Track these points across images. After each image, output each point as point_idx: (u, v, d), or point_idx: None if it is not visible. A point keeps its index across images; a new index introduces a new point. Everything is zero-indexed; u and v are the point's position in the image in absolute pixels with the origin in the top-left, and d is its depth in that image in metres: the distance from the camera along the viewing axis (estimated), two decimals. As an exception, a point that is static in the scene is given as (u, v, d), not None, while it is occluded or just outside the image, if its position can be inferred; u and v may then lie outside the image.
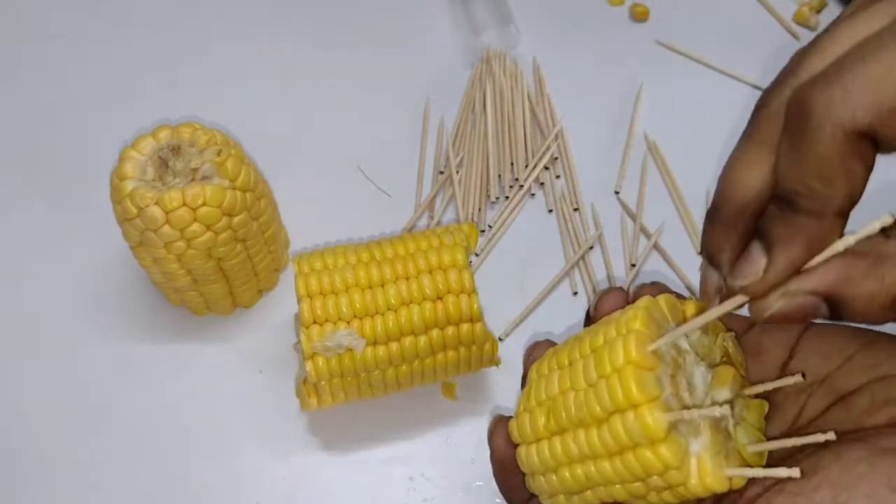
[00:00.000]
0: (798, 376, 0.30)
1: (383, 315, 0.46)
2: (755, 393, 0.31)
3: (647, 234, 0.59)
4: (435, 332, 0.46)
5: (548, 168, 0.62)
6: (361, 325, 0.45)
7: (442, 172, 0.61)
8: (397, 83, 0.66)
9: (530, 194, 0.61)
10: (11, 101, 0.65)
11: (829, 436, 0.27)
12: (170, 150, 0.47)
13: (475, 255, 0.58)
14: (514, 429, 0.33)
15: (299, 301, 0.46)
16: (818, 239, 0.26)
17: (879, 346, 0.31)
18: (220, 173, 0.47)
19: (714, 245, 0.29)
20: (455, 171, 0.61)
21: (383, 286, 0.46)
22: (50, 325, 0.56)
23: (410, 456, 0.52)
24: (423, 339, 0.46)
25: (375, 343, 0.46)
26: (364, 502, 0.50)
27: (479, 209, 0.60)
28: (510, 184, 0.61)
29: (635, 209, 0.60)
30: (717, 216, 0.29)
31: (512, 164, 0.61)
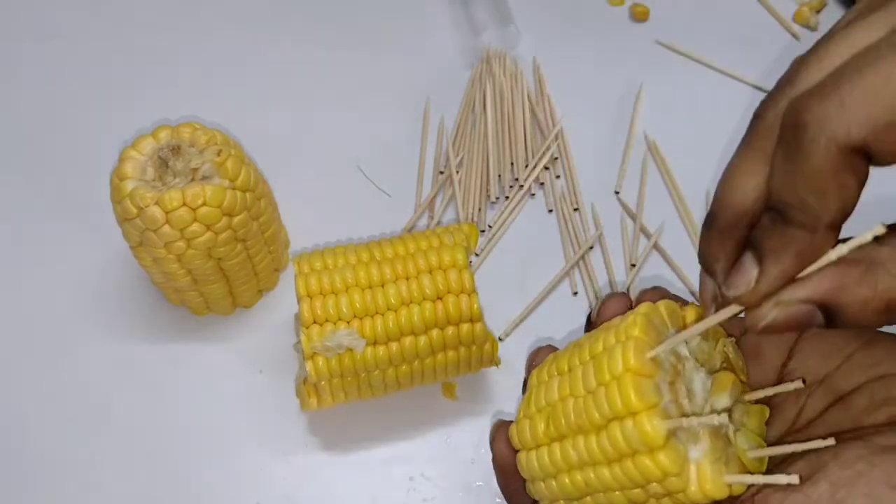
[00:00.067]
0: (798, 382, 0.30)
1: (383, 315, 0.46)
2: (755, 398, 0.31)
3: (647, 234, 0.59)
4: (435, 332, 0.46)
5: (548, 168, 0.62)
6: (361, 325, 0.45)
7: (442, 172, 0.61)
8: (397, 83, 0.66)
9: (530, 194, 0.61)
10: (11, 101, 0.65)
11: (829, 441, 0.27)
12: (170, 150, 0.47)
13: (475, 255, 0.58)
14: (514, 435, 0.34)
15: (299, 301, 0.46)
16: (810, 251, 0.26)
17: (878, 346, 0.31)
18: (220, 173, 0.47)
19: (709, 253, 0.29)
20: (455, 171, 0.61)
21: (383, 286, 0.46)
22: (50, 325, 0.56)
23: (410, 456, 0.52)
24: (423, 339, 0.46)
25: (375, 343, 0.46)
26: (364, 502, 0.50)
27: (479, 209, 0.60)
28: (510, 184, 0.61)
29: (635, 209, 0.60)
30: (713, 225, 0.29)
31: (512, 164, 0.61)
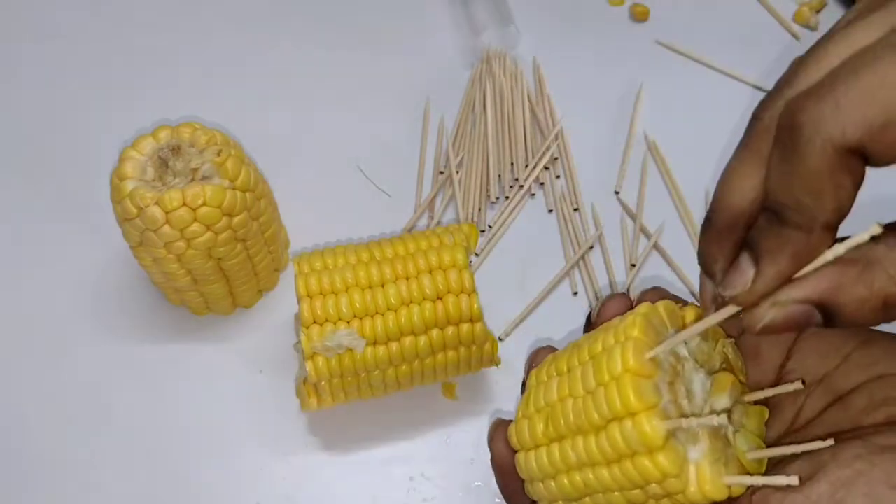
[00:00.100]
0: (798, 383, 0.30)
1: (383, 315, 0.46)
2: (754, 399, 0.31)
3: (647, 234, 0.59)
4: (435, 332, 0.46)
5: (548, 168, 0.62)
6: (361, 325, 0.45)
7: (442, 172, 0.61)
8: (397, 83, 0.66)
9: (530, 194, 0.61)
10: (11, 101, 0.65)
11: (828, 442, 0.27)
12: (170, 150, 0.47)
13: (475, 255, 0.58)
14: (513, 435, 0.33)
15: (299, 301, 0.46)
16: (806, 252, 0.26)
17: (876, 345, 0.31)
18: (220, 173, 0.47)
19: (708, 254, 0.29)
20: (455, 171, 0.61)
21: (383, 286, 0.46)
22: (50, 325, 0.56)
23: (410, 456, 0.52)
24: (423, 339, 0.46)
25: (375, 343, 0.46)
26: (364, 502, 0.50)
27: (479, 209, 0.60)
28: (510, 184, 0.61)
29: (635, 209, 0.60)
30: (711, 226, 0.29)
31: (512, 164, 0.61)
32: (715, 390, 0.30)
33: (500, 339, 0.55)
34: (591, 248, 0.59)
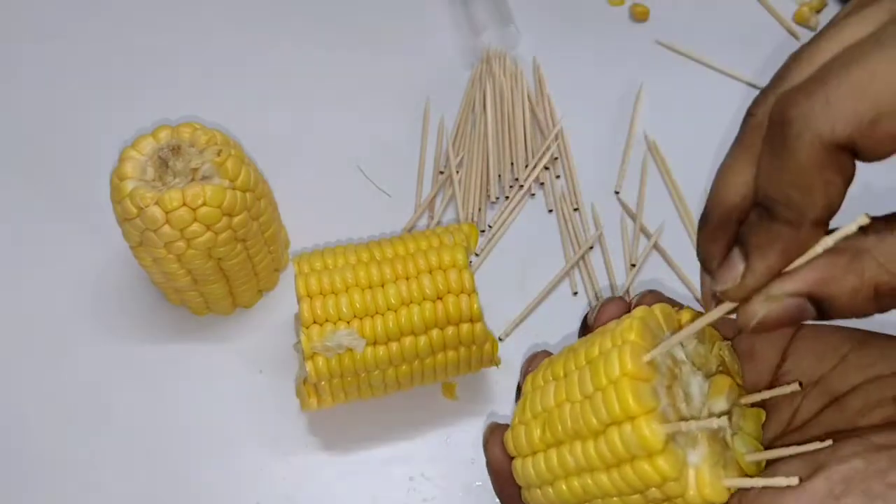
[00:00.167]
0: (795, 385, 0.30)
1: (383, 315, 0.46)
2: (751, 401, 0.31)
3: (647, 234, 0.59)
4: (435, 332, 0.46)
5: (548, 168, 0.62)
6: (361, 325, 0.45)
7: (442, 172, 0.61)
8: (397, 83, 0.66)
9: (530, 194, 0.61)
10: (11, 101, 0.65)
11: (826, 443, 0.27)
12: (170, 150, 0.47)
13: (475, 255, 0.58)
14: (510, 441, 0.33)
15: (299, 301, 0.46)
16: (795, 247, 0.26)
17: (872, 346, 0.31)
18: (220, 173, 0.47)
19: (705, 251, 0.29)
20: (455, 171, 0.61)
21: (383, 286, 0.46)
22: (50, 325, 0.56)
23: (410, 456, 0.52)
24: (423, 339, 0.46)
25: (375, 343, 0.46)
26: (364, 502, 0.50)
27: (479, 209, 0.60)
28: (510, 184, 0.61)
29: (635, 209, 0.60)
30: (706, 222, 0.29)
31: (512, 164, 0.61)
32: (713, 393, 0.30)
33: (500, 339, 0.55)
34: (591, 248, 0.59)
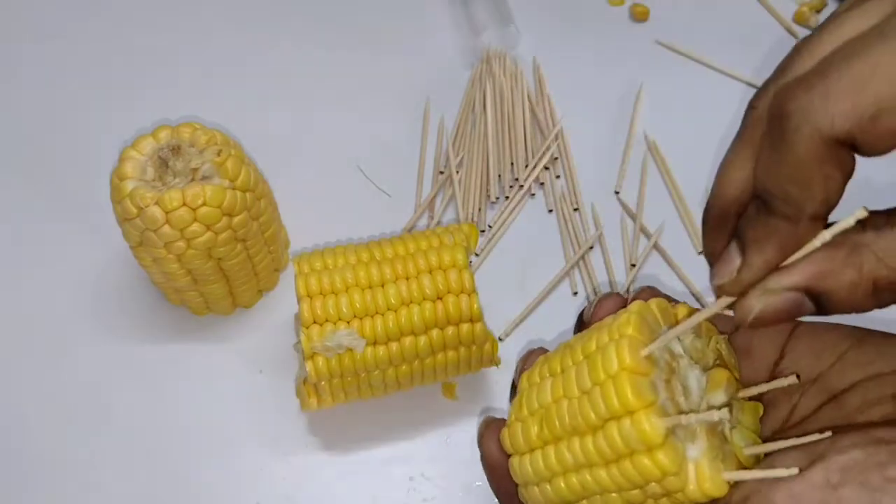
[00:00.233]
0: (792, 378, 0.29)
1: (383, 315, 0.46)
2: (749, 395, 0.31)
3: (647, 234, 0.59)
4: (435, 332, 0.46)
5: (548, 168, 0.61)
6: (361, 325, 0.45)
7: (442, 172, 0.61)
8: (397, 83, 0.66)
9: (530, 194, 0.61)
10: (11, 101, 0.65)
11: (825, 435, 0.27)
12: (170, 150, 0.47)
13: (475, 255, 0.58)
14: (506, 439, 0.33)
15: (299, 301, 0.46)
16: (792, 242, 0.26)
17: (871, 344, 0.30)
18: (220, 173, 0.47)
19: (708, 245, 0.30)
20: (455, 171, 0.61)
21: (383, 286, 0.46)
22: (50, 325, 0.56)
23: (410, 456, 0.52)
24: (423, 339, 0.46)
25: (375, 343, 0.46)
26: (364, 502, 0.50)
27: (479, 209, 0.60)
28: (510, 184, 0.61)
29: (635, 209, 0.60)
30: (708, 216, 0.29)
31: (512, 164, 0.61)
32: (711, 387, 0.30)
33: (500, 339, 0.55)
34: (591, 248, 0.59)
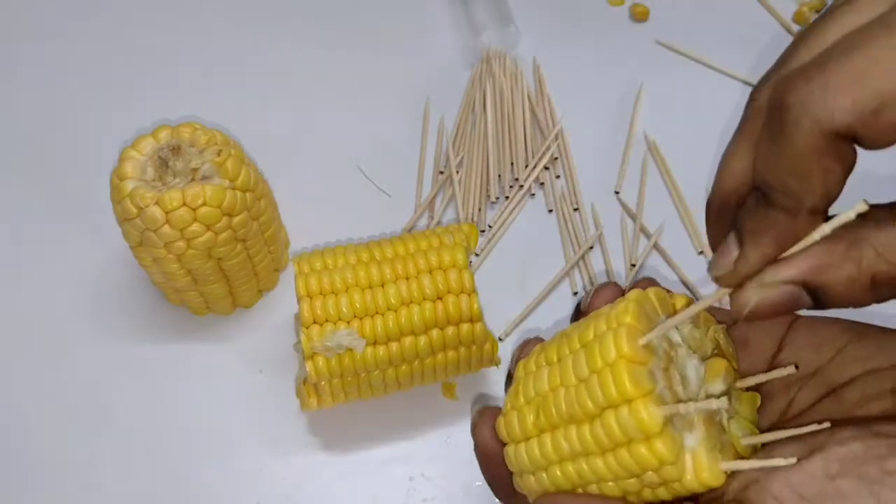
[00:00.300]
0: (791, 367, 0.29)
1: (383, 315, 0.46)
2: (747, 385, 0.31)
3: (647, 234, 0.59)
4: (435, 332, 0.46)
5: (548, 168, 0.61)
6: (361, 325, 0.45)
7: (442, 172, 0.61)
8: (397, 83, 0.66)
9: (530, 194, 0.61)
10: (11, 101, 0.65)
11: (824, 425, 0.27)
12: (170, 150, 0.47)
13: (475, 255, 0.58)
14: (502, 427, 0.33)
15: (299, 301, 0.46)
16: (790, 235, 0.25)
17: (870, 339, 0.30)
18: (220, 173, 0.47)
19: (710, 236, 0.30)
20: (455, 171, 0.61)
21: (383, 286, 0.46)
22: (50, 325, 0.56)
23: (410, 456, 0.52)
24: (423, 339, 0.46)
25: (375, 343, 0.46)
26: (364, 502, 0.50)
27: (479, 209, 0.60)
28: (510, 184, 0.61)
29: (635, 209, 0.60)
30: (709, 207, 0.29)
31: (512, 164, 0.61)
32: (709, 376, 0.30)
33: (500, 339, 0.55)
34: (591, 248, 0.59)
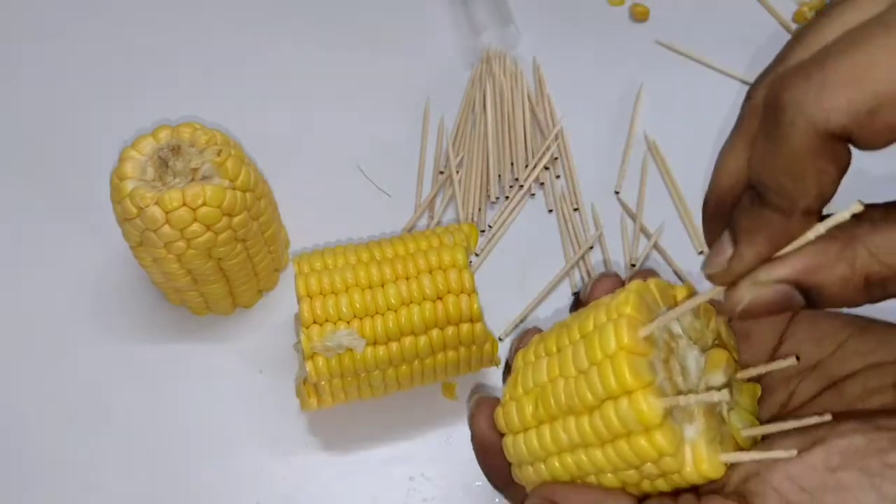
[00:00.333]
0: (792, 359, 0.29)
1: (383, 315, 0.46)
2: (748, 376, 0.31)
3: (647, 234, 0.59)
4: (435, 332, 0.46)
5: (548, 168, 0.61)
6: (361, 325, 0.45)
7: (442, 172, 0.61)
8: (397, 83, 0.66)
9: (530, 194, 0.61)
10: (11, 101, 0.65)
11: (826, 417, 0.26)
12: (170, 150, 0.47)
13: (475, 255, 0.58)
14: (500, 418, 0.32)
15: (299, 301, 0.46)
16: (784, 235, 0.25)
17: (871, 333, 0.30)
18: (220, 173, 0.47)
19: (706, 234, 0.30)
20: (455, 171, 0.61)
21: (383, 286, 0.46)
22: (50, 325, 0.56)
23: (410, 456, 0.52)
24: (423, 339, 0.46)
25: (375, 343, 0.46)
26: (364, 502, 0.50)
27: (479, 209, 0.60)
28: (510, 184, 0.61)
29: (635, 209, 0.60)
30: (705, 207, 0.29)
31: (512, 164, 0.61)
32: (709, 367, 0.30)
33: (500, 339, 0.55)
34: (591, 248, 0.59)
